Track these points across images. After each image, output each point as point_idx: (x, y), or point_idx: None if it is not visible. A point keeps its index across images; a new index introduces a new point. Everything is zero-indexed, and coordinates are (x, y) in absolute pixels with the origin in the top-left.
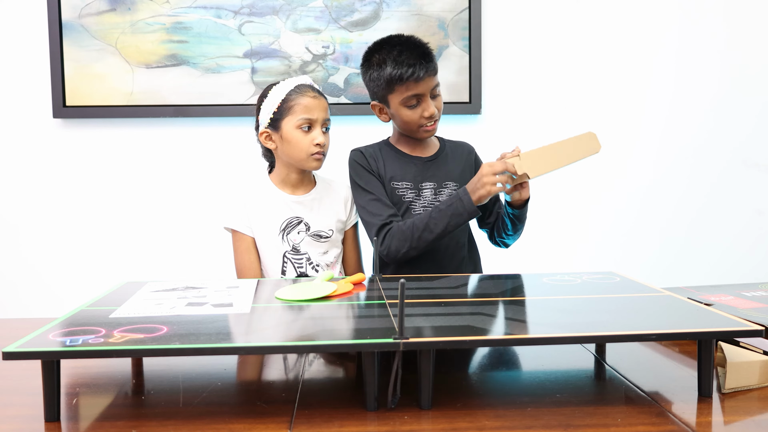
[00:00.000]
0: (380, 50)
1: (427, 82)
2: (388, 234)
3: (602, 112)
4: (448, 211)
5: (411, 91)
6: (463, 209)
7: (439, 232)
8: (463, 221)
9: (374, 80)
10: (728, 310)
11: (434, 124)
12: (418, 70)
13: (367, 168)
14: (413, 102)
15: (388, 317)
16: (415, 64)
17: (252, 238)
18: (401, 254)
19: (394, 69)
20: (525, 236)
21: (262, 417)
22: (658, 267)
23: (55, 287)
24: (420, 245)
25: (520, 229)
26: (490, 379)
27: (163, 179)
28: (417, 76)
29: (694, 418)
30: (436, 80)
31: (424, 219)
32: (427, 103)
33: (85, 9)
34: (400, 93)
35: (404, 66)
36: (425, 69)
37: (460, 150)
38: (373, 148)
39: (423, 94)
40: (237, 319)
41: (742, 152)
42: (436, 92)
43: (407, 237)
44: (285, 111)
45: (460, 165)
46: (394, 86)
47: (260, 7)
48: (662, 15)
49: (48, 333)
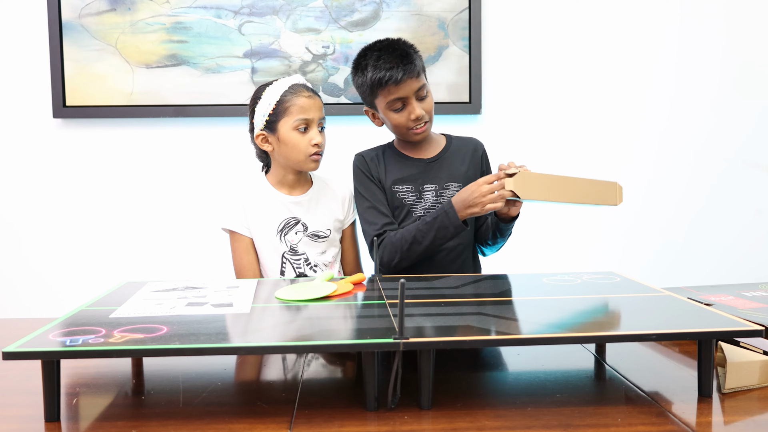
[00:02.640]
0: (364, 56)
1: (408, 84)
2: (381, 245)
3: (602, 112)
4: (434, 224)
5: (393, 95)
6: (449, 223)
7: (427, 244)
8: (450, 235)
9: (360, 86)
10: (728, 310)
11: (424, 126)
12: (395, 73)
13: (367, 173)
14: (398, 105)
15: (388, 317)
16: (392, 67)
17: (250, 239)
18: (393, 265)
19: (373, 74)
20: (525, 236)
21: (262, 417)
22: (658, 267)
23: (55, 287)
24: (411, 256)
25: (500, 243)
26: (490, 379)
27: (163, 179)
28: (395, 78)
29: (694, 418)
30: (420, 82)
31: (412, 231)
32: (412, 105)
33: (85, 9)
34: (384, 97)
35: (382, 70)
36: (403, 71)
37: (466, 147)
38: (376, 151)
39: (407, 97)
40: (237, 319)
41: (743, 152)
42: (423, 93)
43: (397, 249)
44: (281, 112)
45: (465, 164)
46: (377, 91)
47: (260, 7)
48: (663, 15)
49: (48, 333)
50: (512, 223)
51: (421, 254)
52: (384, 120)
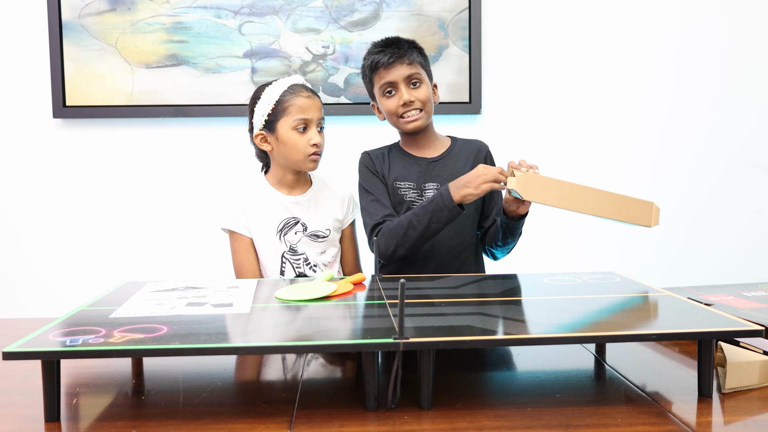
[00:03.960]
0: (368, 51)
1: (397, 68)
2: (379, 233)
3: (602, 112)
4: (429, 207)
5: (384, 79)
6: (443, 205)
7: (422, 229)
8: (445, 218)
9: (363, 78)
10: (728, 310)
11: (416, 114)
12: (383, 57)
13: (372, 169)
14: (389, 89)
15: (388, 317)
16: (382, 51)
17: (250, 239)
18: (390, 252)
19: (368, 59)
20: (525, 236)
21: (262, 417)
22: (658, 267)
23: (55, 287)
24: (406, 243)
25: (511, 243)
26: (490, 379)
27: (163, 179)
28: (383, 62)
29: (694, 418)
30: (412, 69)
31: (408, 216)
32: (401, 91)
33: (85, 9)
34: (377, 82)
35: (374, 54)
36: (391, 55)
37: (470, 148)
38: (382, 150)
39: (396, 82)
40: (237, 319)
41: (742, 152)
42: (417, 79)
43: (394, 234)
44: (280, 112)
45: (468, 165)
46: (373, 77)
47: (260, 7)
48: (662, 15)
49: (48, 333)
50: (521, 221)
51: (417, 240)
52: (381, 110)
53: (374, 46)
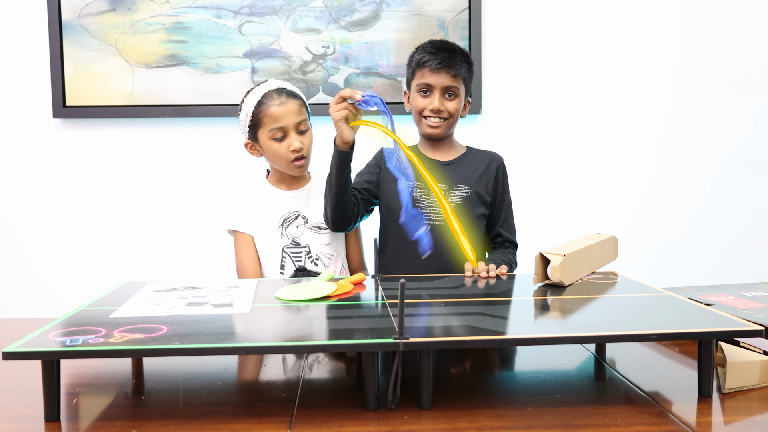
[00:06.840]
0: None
1: (441, 76)
2: None
3: (602, 112)
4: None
5: (424, 79)
6: (334, 151)
7: (331, 181)
8: (339, 164)
9: (408, 64)
10: (728, 310)
11: (439, 123)
12: (433, 59)
13: (377, 159)
14: (425, 89)
15: (388, 317)
16: (436, 53)
17: (251, 236)
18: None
19: (417, 53)
20: (525, 236)
21: (262, 417)
22: (658, 267)
23: (55, 287)
24: (328, 201)
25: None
26: (490, 379)
27: (163, 179)
28: (430, 64)
29: (694, 418)
30: (454, 82)
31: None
32: (435, 96)
33: (85, 9)
34: (417, 78)
35: (427, 53)
36: (441, 60)
37: (483, 157)
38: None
39: (434, 86)
40: (237, 319)
41: (742, 152)
42: (454, 92)
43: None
44: (257, 124)
45: (479, 171)
46: (416, 71)
47: (260, 7)
48: (662, 15)
49: (48, 333)
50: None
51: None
52: (411, 101)
53: (430, 44)
